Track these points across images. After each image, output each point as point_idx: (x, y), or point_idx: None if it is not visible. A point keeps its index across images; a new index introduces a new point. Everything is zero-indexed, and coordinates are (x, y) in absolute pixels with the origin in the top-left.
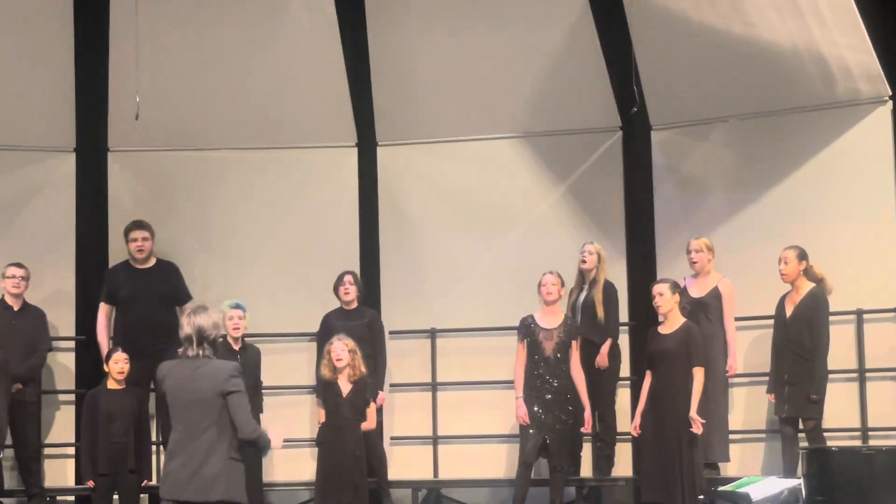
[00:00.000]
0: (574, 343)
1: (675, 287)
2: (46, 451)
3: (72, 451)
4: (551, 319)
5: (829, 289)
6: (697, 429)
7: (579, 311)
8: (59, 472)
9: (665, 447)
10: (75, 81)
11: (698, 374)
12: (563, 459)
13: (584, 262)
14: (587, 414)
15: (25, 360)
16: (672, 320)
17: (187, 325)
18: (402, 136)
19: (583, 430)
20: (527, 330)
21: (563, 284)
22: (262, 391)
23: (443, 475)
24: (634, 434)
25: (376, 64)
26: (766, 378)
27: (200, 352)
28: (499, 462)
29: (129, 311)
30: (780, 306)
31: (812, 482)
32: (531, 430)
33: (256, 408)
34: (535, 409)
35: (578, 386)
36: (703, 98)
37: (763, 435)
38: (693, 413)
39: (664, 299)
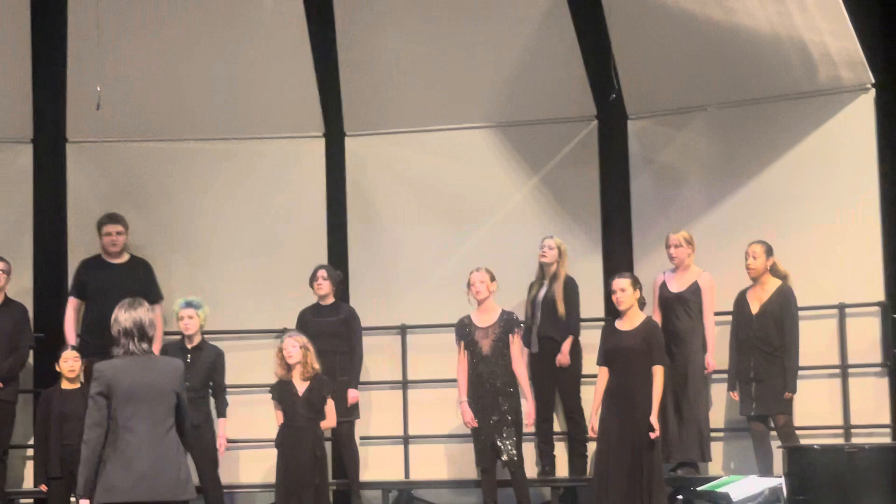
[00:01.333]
0: (512, 337)
1: (636, 282)
2: None
3: (29, 452)
4: (486, 317)
5: (791, 285)
6: (655, 434)
7: (539, 307)
8: (18, 474)
9: (625, 448)
10: (32, 69)
11: (658, 372)
12: (517, 457)
13: (543, 256)
14: (529, 407)
15: (6, 358)
16: (632, 316)
17: (126, 320)
18: (370, 126)
19: (527, 424)
20: (463, 331)
21: (492, 279)
22: (228, 390)
23: (414, 476)
24: (591, 435)
25: (344, 52)
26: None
27: (144, 347)
28: (472, 462)
29: (98, 307)
30: (742, 302)
31: (794, 481)
32: (480, 434)
33: (220, 412)
34: (480, 410)
35: (520, 380)
36: (682, 86)
37: (722, 434)
38: (653, 417)
39: (626, 295)
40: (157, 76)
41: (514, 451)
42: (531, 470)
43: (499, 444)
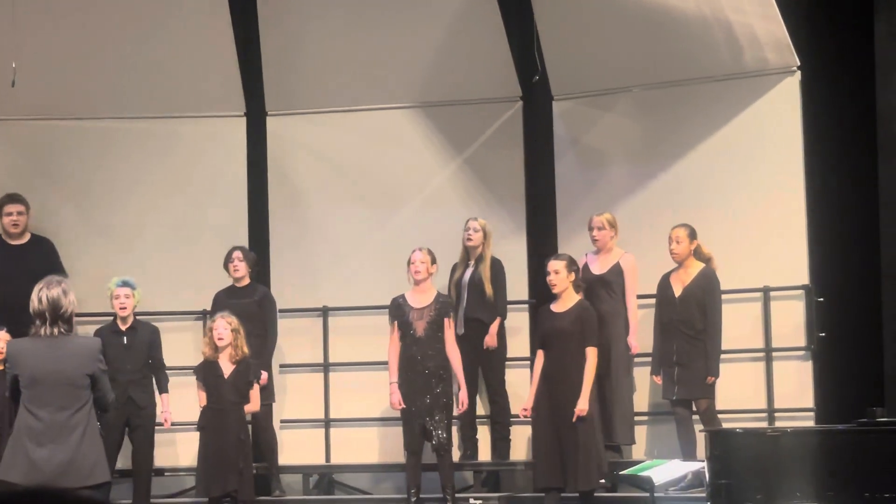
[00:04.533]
0: (447, 320)
1: (572, 264)
2: None
3: None
4: (422, 298)
5: (715, 268)
6: (580, 412)
7: (465, 289)
8: None
9: (560, 430)
10: None
11: (591, 354)
12: (446, 442)
13: (469, 239)
14: (462, 393)
15: None
16: (566, 298)
17: (40, 301)
18: (292, 105)
19: (459, 410)
20: (397, 311)
21: (433, 262)
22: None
23: (335, 460)
24: (522, 416)
25: (266, 29)
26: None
27: (56, 330)
28: (394, 446)
29: (1, 289)
30: (666, 285)
31: (715, 465)
32: (410, 417)
33: (162, 388)
34: (412, 392)
35: (454, 364)
36: (607, 67)
37: (646, 417)
38: (583, 398)
39: (559, 277)
40: (75, 53)
41: (445, 436)
42: (454, 454)
43: (429, 427)
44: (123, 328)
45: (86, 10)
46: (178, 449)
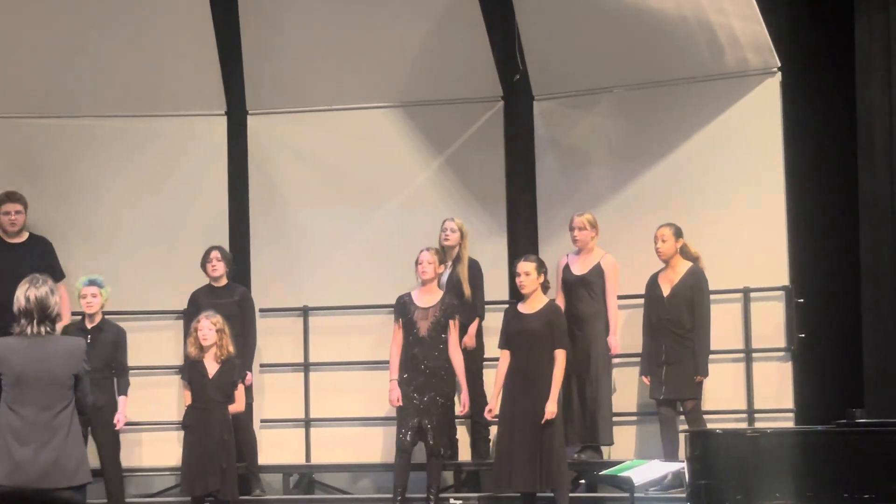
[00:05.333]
0: (451, 323)
1: (542, 266)
2: None
3: None
4: (428, 298)
5: (703, 267)
6: (549, 416)
7: (443, 289)
8: None
9: (526, 431)
10: None
11: (560, 357)
12: (441, 444)
13: (446, 239)
14: (464, 396)
15: None
16: (534, 300)
17: (27, 300)
18: (273, 104)
19: (461, 412)
20: (402, 309)
21: (440, 262)
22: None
23: (315, 460)
24: (488, 417)
25: (247, 28)
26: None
27: (42, 329)
28: (375, 446)
29: None
30: (654, 284)
31: (695, 466)
32: (407, 415)
33: (121, 390)
34: (411, 391)
35: (456, 367)
36: (588, 67)
37: (627, 418)
38: (552, 401)
39: (530, 279)
40: (54, 51)
41: (438, 437)
42: None
43: (427, 426)
44: (89, 327)
45: (64, 7)
46: (160, 448)
